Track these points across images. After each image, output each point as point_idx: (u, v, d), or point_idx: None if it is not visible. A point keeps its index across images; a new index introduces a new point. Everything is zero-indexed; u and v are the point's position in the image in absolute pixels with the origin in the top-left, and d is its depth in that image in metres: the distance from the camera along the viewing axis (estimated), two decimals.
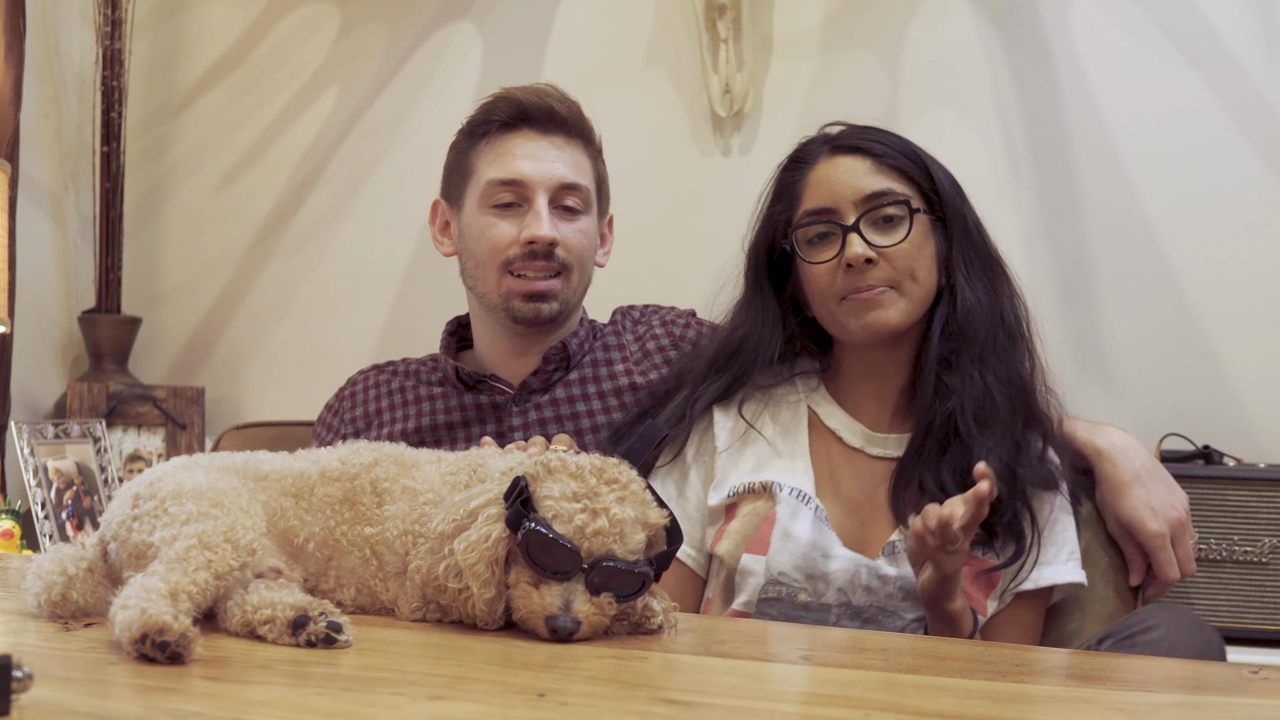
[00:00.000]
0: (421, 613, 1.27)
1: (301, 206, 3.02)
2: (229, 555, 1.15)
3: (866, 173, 1.66)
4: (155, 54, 3.14)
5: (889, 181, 1.65)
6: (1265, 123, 2.30)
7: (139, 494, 1.22)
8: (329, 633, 1.13)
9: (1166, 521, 1.67)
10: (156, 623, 1.03)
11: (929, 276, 1.66)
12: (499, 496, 1.23)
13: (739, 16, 2.55)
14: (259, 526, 1.21)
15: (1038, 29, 2.45)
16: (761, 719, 0.94)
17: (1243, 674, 1.12)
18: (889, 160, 1.66)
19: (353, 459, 1.34)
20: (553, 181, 1.88)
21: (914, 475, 1.62)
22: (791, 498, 1.63)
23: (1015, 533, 1.59)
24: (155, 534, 1.17)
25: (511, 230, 1.88)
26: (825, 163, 1.69)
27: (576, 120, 1.93)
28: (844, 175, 1.66)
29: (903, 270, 1.63)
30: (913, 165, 1.68)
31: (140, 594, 1.07)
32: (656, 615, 1.24)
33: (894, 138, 1.70)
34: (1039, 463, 1.62)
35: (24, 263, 2.77)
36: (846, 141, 1.69)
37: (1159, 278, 2.35)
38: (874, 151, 1.67)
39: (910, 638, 1.44)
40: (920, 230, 1.65)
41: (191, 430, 2.90)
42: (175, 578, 1.11)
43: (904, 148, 1.69)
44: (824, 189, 1.67)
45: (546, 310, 1.89)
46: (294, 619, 1.14)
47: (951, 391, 1.62)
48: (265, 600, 1.16)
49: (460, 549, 1.21)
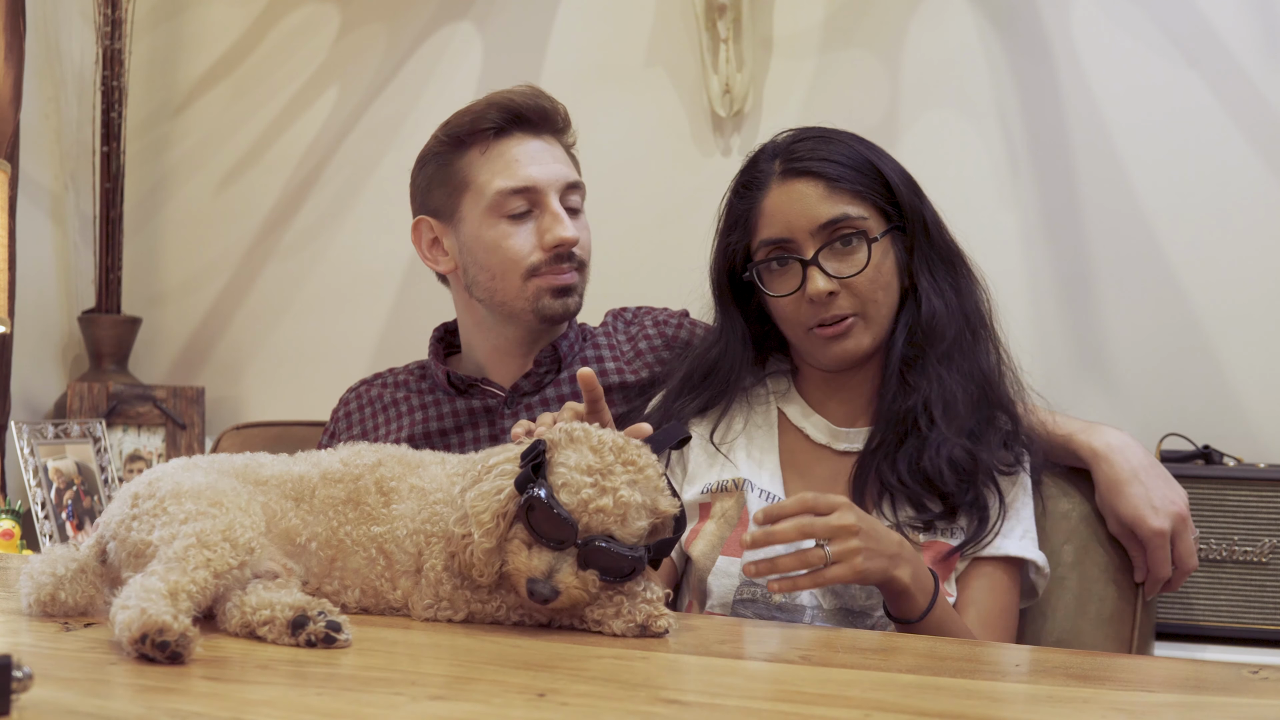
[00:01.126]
0: (434, 610, 1.27)
1: (301, 206, 3.02)
2: (227, 554, 1.15)
3: (820, 199, 1.62)
4: (155, 54, 3.14)
5: (843, 205, 1.62)
6: (1265, 123, 2.30)
7: (138, 494, 1.23)
8: (328, 632, 1.13)
9: (1168, 517, 1.67)
10: (156, 622, 1.03)
11: (892, 293, 1.66)
12: (517, 455, 1.25)
13: (739, 16, 2.55)
14: (257, 526, 1.21)
15: (1038, 29, 2.45)
16: (761, 719, 0.94)
17: (1243, 674, 1.12)
18: (843, 182, 1.62)
19: (355, 460, 1.34)
20: (561, 182, 1.88)
21: (871, 468, 1.63)
22: (760, 499, 1.65)
23: (979, 510, 1.59)
24: (154, 533, 1.17)
25: (529, 237, 1.87)
26: (777, 189, 1.65)
27: (563, 117, 1.94)
28: (797, 204, 1.63)
29: (866, 297, 1.62)
30: (866, 179, 1.64)
31: (140, 594, 1.07)
32: (663, 617, 1.24)
33: (844, 148, 1.65)
34: (1002, 449, 1.63)
35: (24, 263, 2.77)
36: (797, 164, 1.64)
37: (1159, 278, 2.35)
38: (826, 174, 1.62)
39: (910, 638, 1.43)
40: (879, 251, 1.63)
41: (191, 430, 2.90)
42: (174, 577, 1.11)
43: (856, 160, 1.65)
44: (778, 219, 1.64)
45: (573, 304, 1.91)
46: (293, 619, 1.14)
47: (914, 390, 1.62)
48: (264, 601, 1.16)
49: (471, 497, 1.24)
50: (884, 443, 1.64)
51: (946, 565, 1.60)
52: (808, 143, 1.67)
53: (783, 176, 1.65)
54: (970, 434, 1.61)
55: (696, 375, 1.75)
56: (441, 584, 1.26)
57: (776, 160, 1.67)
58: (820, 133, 1.69)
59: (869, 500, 1.62)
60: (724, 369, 1.73)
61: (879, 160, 1.67)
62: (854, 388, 1.71)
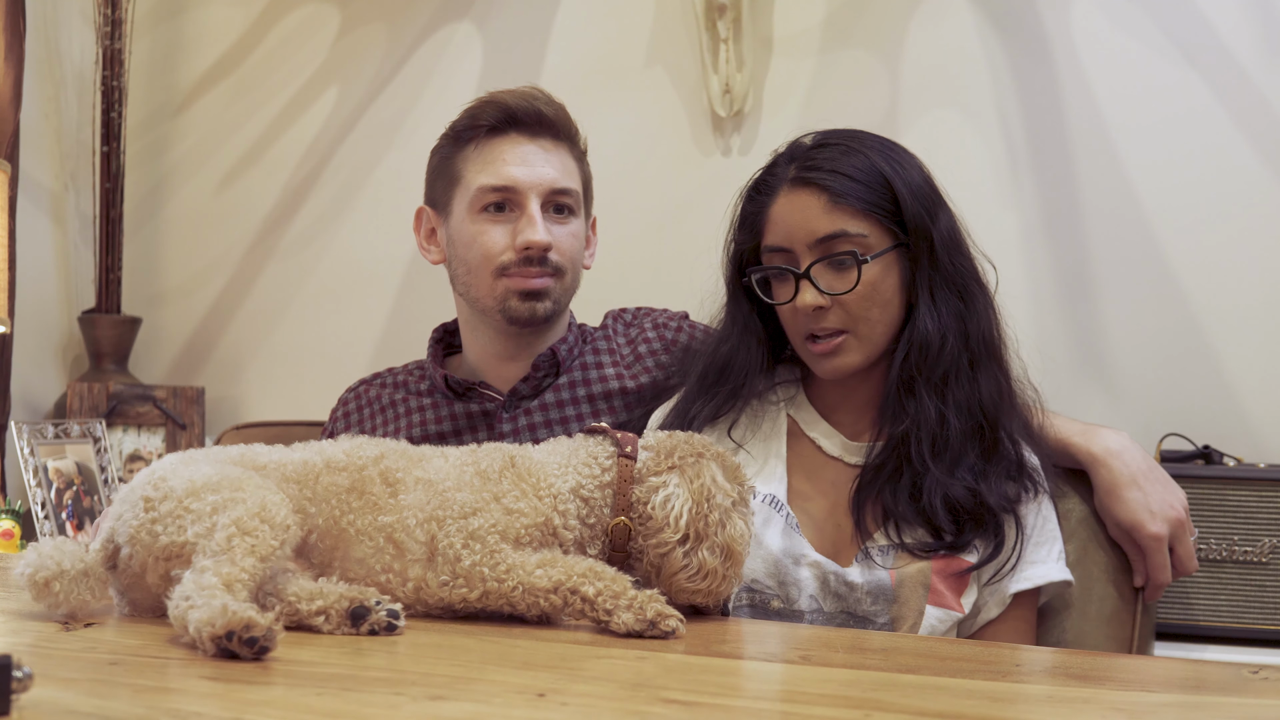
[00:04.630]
0: (450, 588, 1.27)
1: (301, 206, 3.02)
2: (268, 536, 1.15)
3: (821, 212, 1.60)
4: (155, 54, 3.14)
5: (843, 221, 1.60)
6: (1266, 123, 2.30)
7: (149, 496, 1.20)
8: (390, 621, 1.16)
9: (1166, 522, 1.67)
10: (242, 619, 1.02)
11: (888, 311, 1.63)
12: (748, 489, 1.41)
13: (739, 16, 2.55)
14: (286, 502, 1.21)
15: (1038, 29, 2.45)
16: (761, 719, 0.94)
17: (1243, 674, 1.12)
18: (847, 198, 1.60)
19: (357, 451, 1.34)
20: (544, 186, 1.87)
21: (874, 488, 1.62)
22: (764, 505, 1.64)
23: (994, 535, 1.58)
24: (189, 531, 1.16)
25: (504, 236, 1.87)
26: (785, 197, 1.64)
27: (564, 122, 1.93)
28: (799, 215, 1.62)
29: (858, 314, 1.61)
30: (875, 194, 1.61)
31: (204, 590, 1.07)
32: (671, 617, 1.24)
33: (861, 160, 1.62)
34: (1009, 481, 1.60)
35: (24, 263, 2.77)
36: (808, 174, 1.63)
37: (1159, 278, 2.35)
38: (831, 188, 1.60)
39: (910, 638, 1.43)
40: (878, 269, 1.61)
41: (191, 430, 2.90)
42: (226, 569, 1.10)
43: (868, 174, 1.61)
44: (781, 227, 1.64)
45: (541, 309, 1.89)
46: (352, 610, 1.15)
47: (906, 414, 1.60)
48: (314, 591, 1.16)
49: (730, 534, 1.34)
50: (884, 465, 1.62)
51: (960, 581, 1.59)
52: (827, 150, 1.65)
53: (792, 184, 1.64)
54: (972, 469, 1.59)
55: (711, 374, 1.74)
56: (459, 561, 1.27)
57: (793, 165, 1.66)
58: (845, 139, 1.66)
59: (870, 519, 1.61)
60: (737, 367, 1.71)
61: (897, 174, 1.63)
62: (863, 396, 1.70)
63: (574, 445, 1.38)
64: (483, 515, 1.28)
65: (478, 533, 1.27)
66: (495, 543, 1.27)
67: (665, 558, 1.33)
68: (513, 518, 1.29)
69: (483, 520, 1.28)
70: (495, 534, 1.28)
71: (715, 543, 1.33)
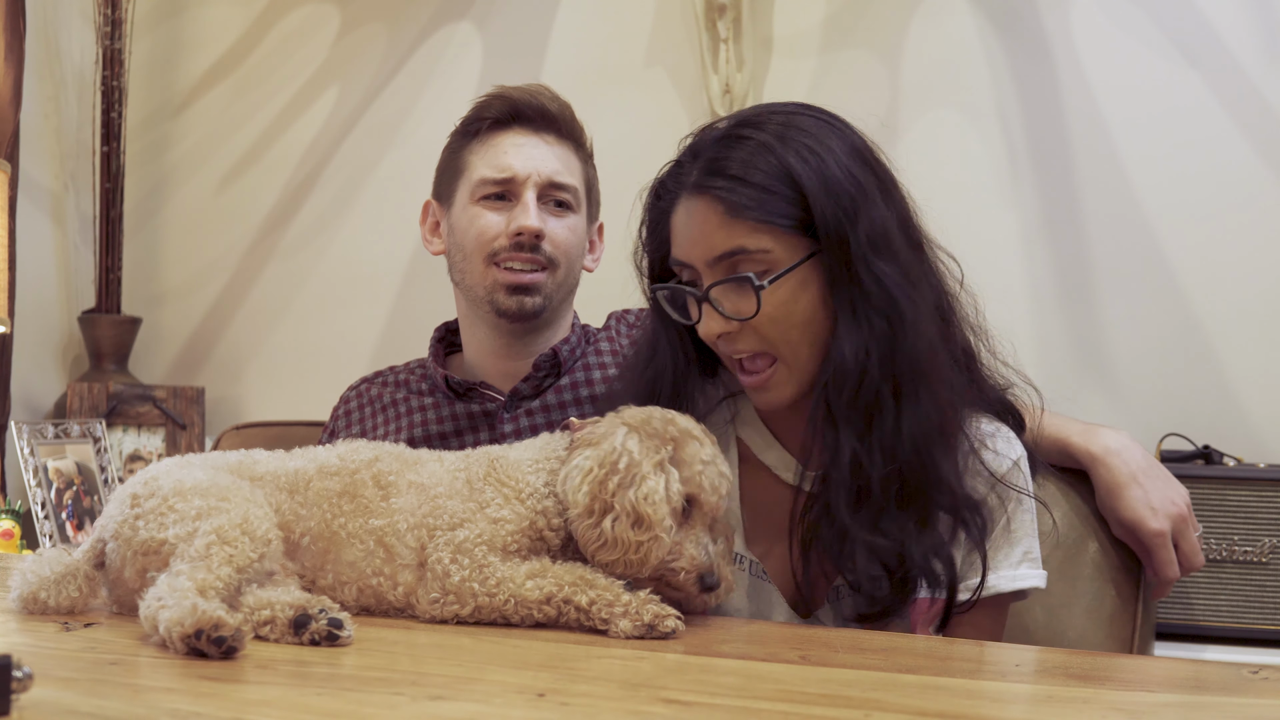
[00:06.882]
0: (440, 605, 1.27)
1: (301, 206, 3.02)
2: (248, 548, 1.16)
3: (718, 227, 1.40)
4: (155, 54, 3.14)
5: (741, 237, 1.39)
6: (1265, 122, 2.30)
7: (137, 494, 1.22)
8: (331, 630, 1.13)
9: (1167, 518, 1.67)
10: (211, 618, 1.03)
11: (810, 331, 1.42)
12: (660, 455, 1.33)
13: (739, 16, 2.55)
14: (270, 517, 1.21)
15: (1038, 29, 2.45)
16: (761, 719, 0.94)
17: (1243, 674, 1.12)
18: (745, 211, 1.38)
19: (352, 455, 1.34)
20: (541, 176, 1.88)
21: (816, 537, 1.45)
22: None
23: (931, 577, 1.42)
24: (168, 530, 1.17)
25: (499, 221, 1.88)
26: (683, 206, 1.45)
27: (568, 121, 1.93)
28: (697, 229, 1.42)
29: (774, 339, 1.42)
30: (778, 202, 1.39)
31: (173, 593, 1.07)
32: (669, 617, 1.24)
33: (767, 158, 1.40)
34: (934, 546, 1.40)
35: (24, 263, 2.77)
36: (705, 179, 1.42)
37: (1159, 278, 2.35)
38: (728, 200, 1.39)
39: (910, 638, 1.43)
40: (788, 287, 1.40)
41: (191, 430, 2.90)
42: (201, 575, 1.11)
43: (774, 176, 1.39)
44: (681, 241, 1.45)
45: (530, 304, 1.88)
46: (295, 618, 1.14)
47: (826, 448, 1.41)
48: (262, 600, 1.16)
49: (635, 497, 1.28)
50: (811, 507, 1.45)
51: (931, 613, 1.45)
52: (732, 148, 1.43)
53: (691, 191, 1.44)
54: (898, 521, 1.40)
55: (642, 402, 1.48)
56: (448, 577, 1.26)
57: (696, 167, 1.45)
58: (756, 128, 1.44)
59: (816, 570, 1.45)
60: (663, 391, 1.52)
61: (811, 170, 1.40)
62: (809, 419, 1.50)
63: (543, 441, 1.39)
64: (469, 527, 1.28)
65: (464, 546, 1.27)
66: (483, 555, 1.27)
67: (580, 536, 1.29)
68: (498, 526, 1.29)
69: (469, 532, 1.28)
70: (482, 546, 1.27)
71: (622, 511, 1.27)
